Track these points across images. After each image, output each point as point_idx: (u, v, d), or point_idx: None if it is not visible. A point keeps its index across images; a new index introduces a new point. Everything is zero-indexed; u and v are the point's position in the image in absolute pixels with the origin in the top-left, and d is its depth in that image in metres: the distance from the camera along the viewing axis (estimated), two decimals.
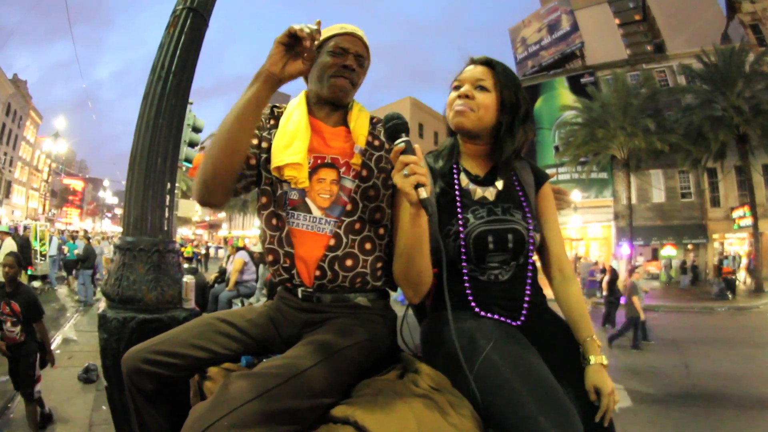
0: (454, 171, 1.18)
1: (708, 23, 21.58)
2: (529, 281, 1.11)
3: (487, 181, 1.17)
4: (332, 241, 1.09)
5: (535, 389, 0.86)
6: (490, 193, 1.15)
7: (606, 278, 9.37)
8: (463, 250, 1.08)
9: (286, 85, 1.09)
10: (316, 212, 1.12)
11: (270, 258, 1.14)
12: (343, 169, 1.14)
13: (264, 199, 1.16)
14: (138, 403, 1.05)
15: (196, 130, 7.57)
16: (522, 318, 1.08)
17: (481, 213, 1.11)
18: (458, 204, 1.12)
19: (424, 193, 0.88)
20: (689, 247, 19.48)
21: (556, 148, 21.89)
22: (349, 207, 1.12)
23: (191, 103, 7.89)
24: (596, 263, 15.44)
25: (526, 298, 1.09)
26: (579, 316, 1.11)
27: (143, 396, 1.03)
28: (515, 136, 1.15)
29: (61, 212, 49.44)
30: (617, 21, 25.90)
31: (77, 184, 54.55)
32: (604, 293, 9.21)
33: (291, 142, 1.10)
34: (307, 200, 1.13)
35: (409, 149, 0.91)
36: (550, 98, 23.09)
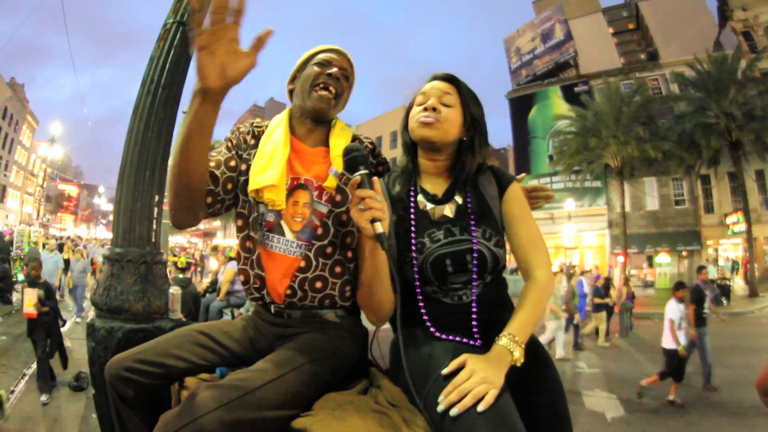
0: (411, 193, 1.15)
1: (701, 31, 21.78)
2: (475, 299, 1.07)
3: (446, 199, 1.14)
4: (302, 263, 1.13)
5: (487, 411, 0.82)
6: (450, 210, 1.12)
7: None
8: (417, 276, 1.07)
9: (282, 93, 1.07)
10: (289, 235, 1.15)
11: (242, 278, 1.19)
12: (315, 193, 1.17)
13: (240, 222, 1.19)
14: (120, 410, 1.08)
15: None
16: (477, 337, 1.04)
17: (437, 236, 1.08)
18: (413, 229, 1.09)
19: (380, 227, 0.90)
20: (683, 254, 19.56)
21: (550, 157, 22.02)
22: (320, 231, 1.14)
23: None
24: (589, 271, 15.35)
25: (474, 316, 1.05)
26: (517, 312, 1.01)
27: (125, 403, 1.07)
28: (476, 152, 1.13)
29: (55, 218, 49.21)
30: (611, 30, 26.06)
31: (72, 190, 54.36)
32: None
33: (268, 164, 1.13)
34: (282, 223, 1.16)
35: (366, 183, 0.92)
36: (544, 107, 23.23)
